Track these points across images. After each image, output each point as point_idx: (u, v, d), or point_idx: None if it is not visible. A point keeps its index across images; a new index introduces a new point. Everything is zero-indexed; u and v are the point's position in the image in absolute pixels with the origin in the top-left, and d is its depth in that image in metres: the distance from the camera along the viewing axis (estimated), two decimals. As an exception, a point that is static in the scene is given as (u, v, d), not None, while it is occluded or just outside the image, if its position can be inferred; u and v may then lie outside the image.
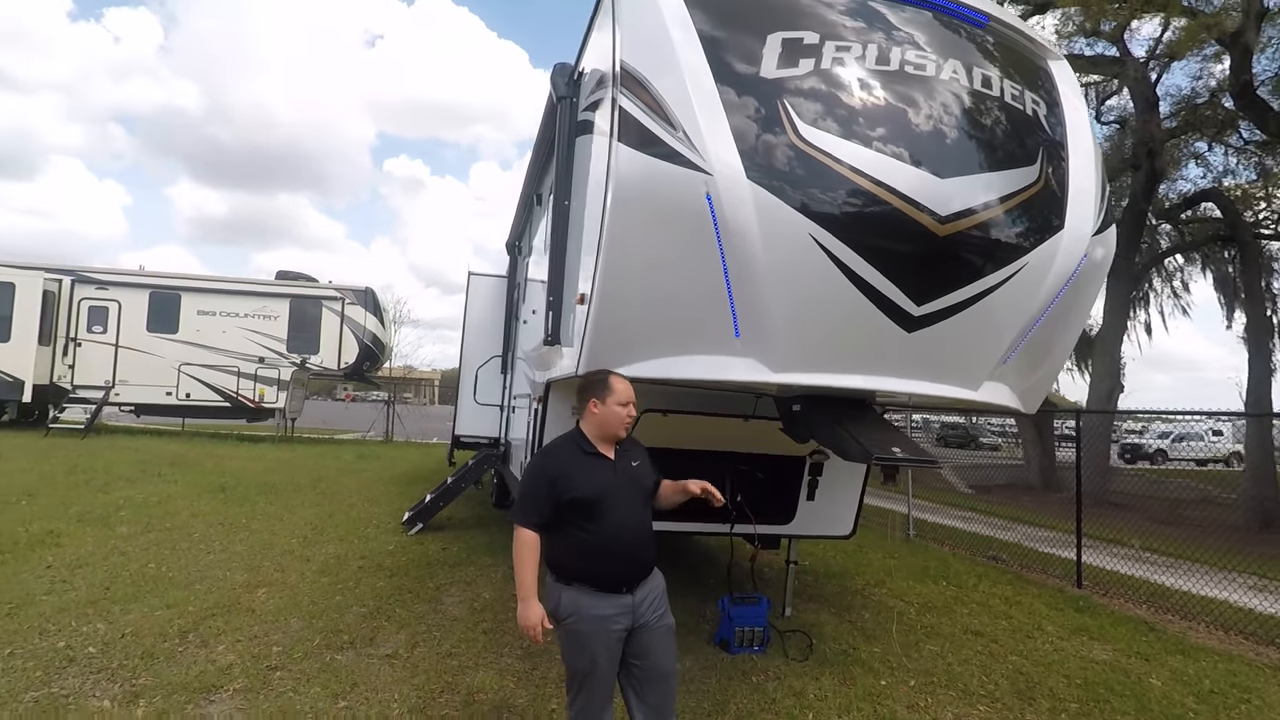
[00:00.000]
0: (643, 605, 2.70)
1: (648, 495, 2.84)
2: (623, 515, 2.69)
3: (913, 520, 10.33)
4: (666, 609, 2.81)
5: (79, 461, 10.69)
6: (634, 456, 2.86)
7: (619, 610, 2.64)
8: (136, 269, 16.96)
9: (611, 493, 2.69)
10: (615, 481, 2.73)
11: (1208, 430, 24.38)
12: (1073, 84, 3.72)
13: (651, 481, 2.88)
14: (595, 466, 2.73)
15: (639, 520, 2.76)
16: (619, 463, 2.79)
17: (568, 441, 2.84)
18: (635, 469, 2.82)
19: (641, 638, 2.70)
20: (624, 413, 2.76)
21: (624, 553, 2.68)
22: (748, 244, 2.89)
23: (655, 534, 2.85)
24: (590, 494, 2.65)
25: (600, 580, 2.65)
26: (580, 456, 2.75)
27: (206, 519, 7.45)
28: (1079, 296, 3.46)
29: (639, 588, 2.71)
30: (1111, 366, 16.84)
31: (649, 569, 2.79)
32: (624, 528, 2.68)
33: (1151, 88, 15.19)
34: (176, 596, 4.89)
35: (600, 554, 2.65)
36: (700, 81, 2.94)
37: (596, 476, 2.70)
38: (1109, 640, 5.48)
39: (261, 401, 16.01)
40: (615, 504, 2.68)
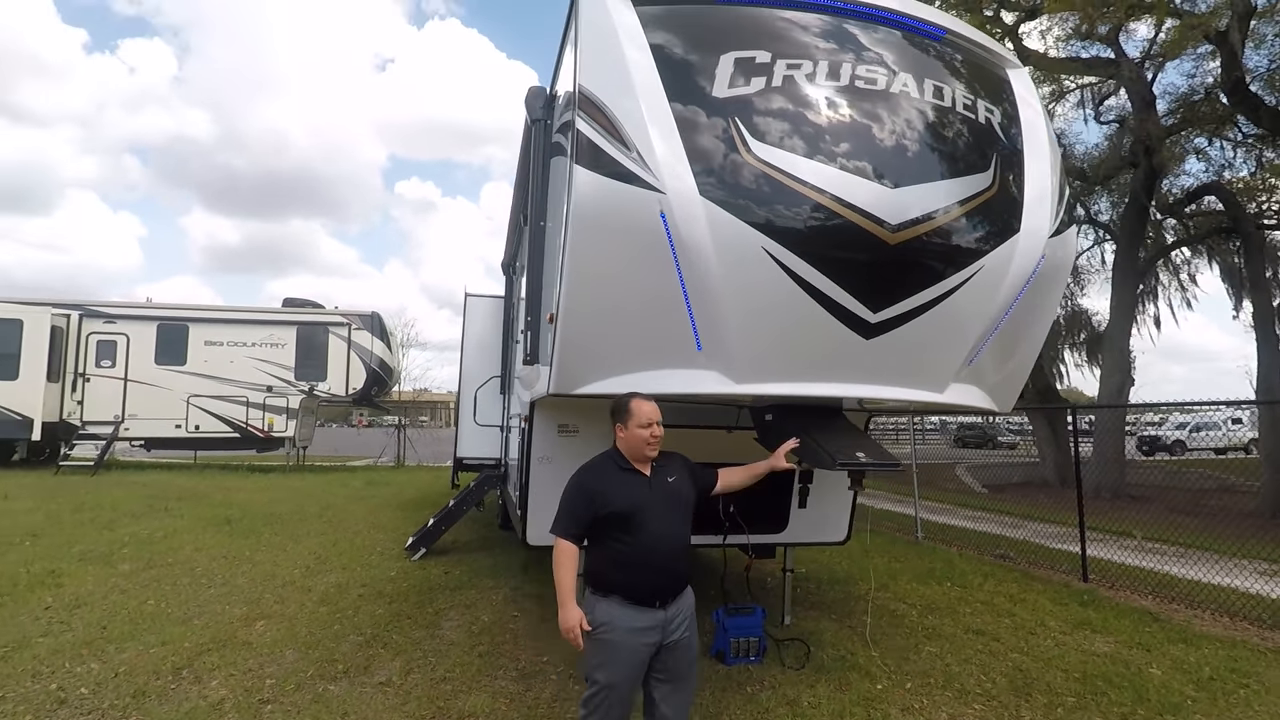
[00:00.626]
0: (673, 622, 2.81)
1: (686, 508, 2.95)
2: (658, 528, 2.80)
3: (921, 522, 10.27)
4: (694, 627, 2.93)
5: (86, 499, 10.84)
6: (671, 471, 2.96)
7: (652, 624, 2.75)
8: (144, 301, 17.22)
9: (647, 507, 2.81)
10: (650, 496, 2.85)
11: (1226, 419, 24.11)
12: (1030, 92, 3.77)
13: (692, 494, 3.00)
14: (630, 482, 2.86)
15: (675, 534, 2.87)
16: (655, 478, 2.91)
17: (606, 459, 2.98)
18: (672, 484, 2.93)
19: (668, 655, 2.82)
20: (645, 434, 2.86)
21: (659, 565, 2.79)
22: (703, 260, 2.94)
23: (690, 550, 2.97)
24: (625, 508, 2.78)
25: (635, 592, 2.76)
26: (617, 473, 2.89)
27: (210, 553, 7.53)
28: (1041, 297, 3.49)
29: (672, 603, 2.82)
30: (1121, 361, 16.70)
31: (683, 583, 2.90)
32: (660, 540, 2.80)
33: (1148, 87, 15.22)
34: (173, 633, 4.95)
35: (636, 565, 2.77)
36: (655, 103, 3.00)
37: (631, 492, 2.83)
38: (1112, 632, 5.44)
39: (271, 431, 16.16)
40: (650, 518, 2.80)
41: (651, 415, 2.88)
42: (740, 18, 3.26)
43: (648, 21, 3.17)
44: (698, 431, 4.51)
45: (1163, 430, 27.68)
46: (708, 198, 2.91)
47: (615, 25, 3.15)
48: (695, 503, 3.02)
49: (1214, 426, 23.08)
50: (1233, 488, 15.09)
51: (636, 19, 3.17)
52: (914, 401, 3.48)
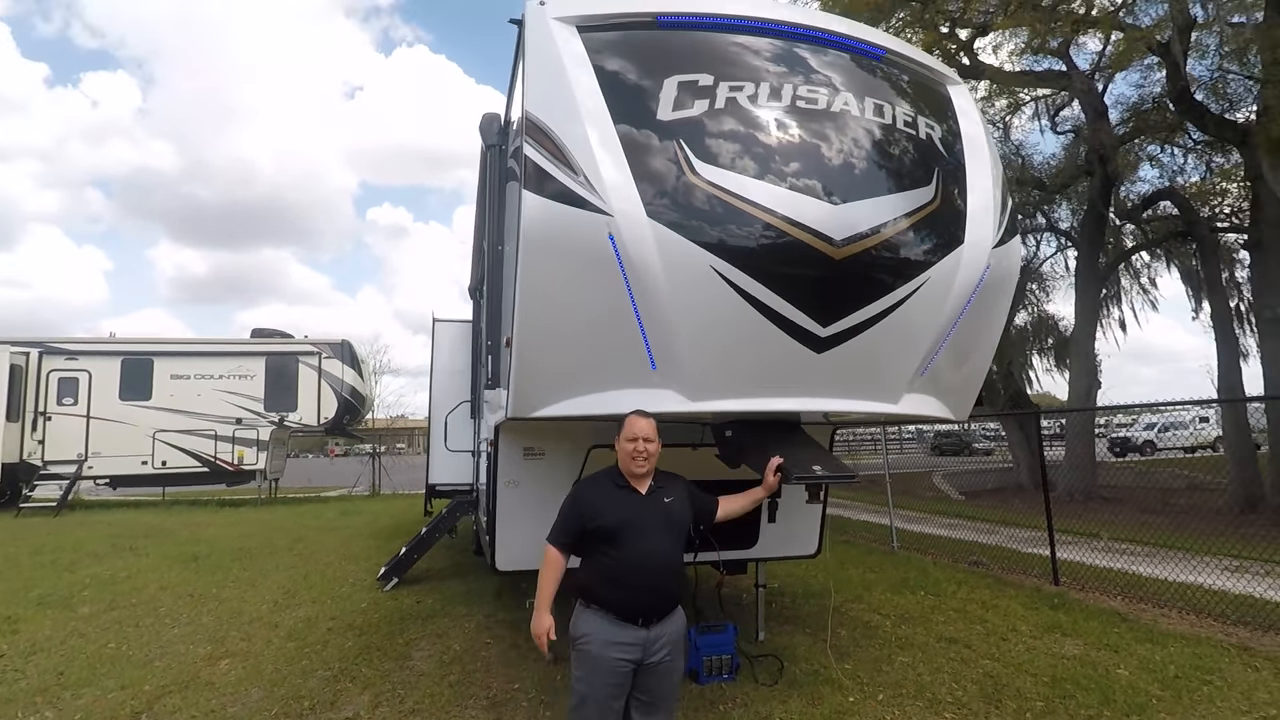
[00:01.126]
0: (657, 644, 2.79)
1: (679, 530, 2.94)
2: (646, 546, 2.81)
3: (898, 531, 10.34)
4: (679, 653, 2.91)
5: (47, 541, 10.53)
6: (669, 493, 2.97)
7: (632, 641, 2.75)
8: (107, 336, 16.89)
9: (635, 524, 2.83)
10: (641, 514, 2.86)
11: (1194, 418, 24.61)
12: (971, 107, 3.87)
13: (687, 517, 2.99)
14: (623, 499, 2.89)
15: (662, 554, 2.86)
16: (650, 497, 2.93)
17: (606, 473, 3.04)
18: (668, 504, 2.93)
19: (649, 677, 2.81)
20: (630, 448, 2.89)
21: (644, 583, 2.79)
22: (653, 280, 2.97)
23: (682, 573, 2.98)
24: (613, 523, 2.82)
25: (618, 608, 2.77)
26: (612, 488, 2.93)
27: (175, 591, 7.35)
28: (989, 306, 3.56)
29: (656, 624, 2.81)
30: (1088, 364, 17.03)
31: (670, 605, 2.88)
32: (647, 558, 2.80)
33: (1099, 98, 15.70)
34: (133, 676, 4.82)
35: (620, 581, 2.77)
36: (601, 127, 3.04)
37: (621, 508, 2.86)
38: (1081, 635, 5.50)
39: (241, 464, 15.86)
40: (638, 535, 2.81)
41: (639, 430, 2.91)
42: (683, 42, 3.32)
43: (593, 48, 3.22)
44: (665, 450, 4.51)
45: (1133, 431, 28.19)
46: (655, 219, 2.95)
47: (561, 52, 3.19)
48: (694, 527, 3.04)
49: (1182, 426, 23.57)
50: (1201, 486, 15.37)
51: (582, 45, 3.23)
52: (869, 413, 3.52)
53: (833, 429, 5.28)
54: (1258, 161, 11.79)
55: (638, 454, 2.89)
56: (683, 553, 2.99)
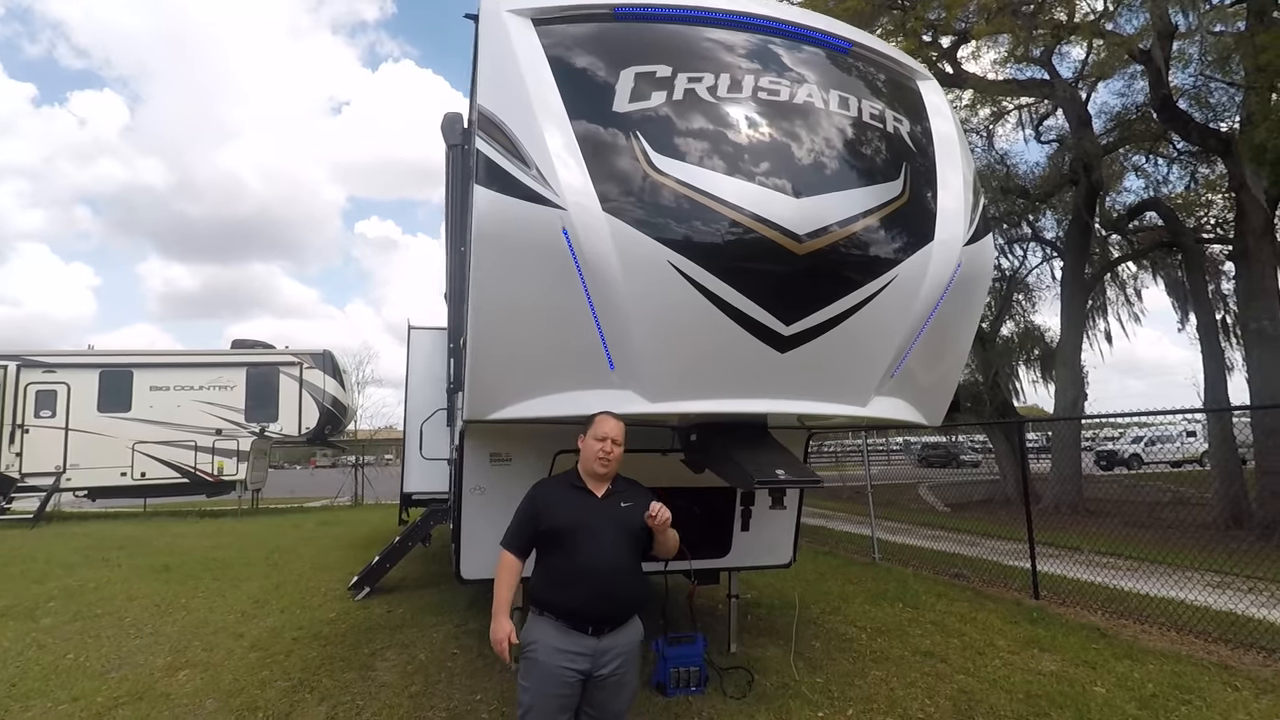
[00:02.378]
0: (607, 655, 2.66)
1: (633, 538, 2.79)
2: (595, 551, 2.68)
3: (880, 543, 10.23)
4: (633, 667, 2.77)
5: (19, 552, 10.31)
6: (628, 498, 2.85)
7: (580, 650, 2.63)
8: (85, 349, 16.68)
9: (587, 527, 2.71)
10: (593, 518, 2.74)
11: (1181, 432, 24.60)
12: (942, 102, 3.81)
13: (642, 525, 2.81)
14: (576, 500, 2.79)
15: (614, 560, 2.71)
16: (606, 500, 2.81)
17: (562, 475, 2.98)
18: (624, 510, 2.80)
19: (598, 690, 2.68)
20: (597, 447, 2.79)
21: (592, 590, 2.66)
22: (609, 276, 2.88)
23: (638, 581, 2.83)
24: (563, 525, 2.72)
25: (567, 614, 2.66)
26: (566, 490, 2.84)
27: (142, 601, 7.17)
28: (960, 305, 3.48)
29: (608, 634, 2.68)
30: (1074, 375, 17.02)
31: (622, 613, 2.75)
32: (596, 563, 2.67)
33: (1083, 106, 15.78)
34: (86, 688, 4.66)
35: (568, 587, 2.67)
36: (555, 120, 2.97)
37: (573, 510, 2.75)
38: (1059, 650, 5.39)
39: (221, 474, 15.61)
40: (588, 539, 2.70)
41: (609, 431, 2.82)
42: (642, 33, 3.26)
43: (548, 41, 3.15)
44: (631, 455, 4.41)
45: (1120, 445, 28.19)
46: (611, 213, 2.87)
47: (514, 45, 3.13)
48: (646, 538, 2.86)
49: (1169, 440, 23.56)
50: (1188, 500, 15.31)
51: (537, 39, 3.16)
52: (837, 416, 3.43)
53: (808, 434, 5.19)
54: (1241, 171, 11.83)
55: (603, 455, 2.79)
56: (637, 561, 2.84)
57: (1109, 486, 18.59)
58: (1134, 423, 26.70)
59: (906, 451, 42.28)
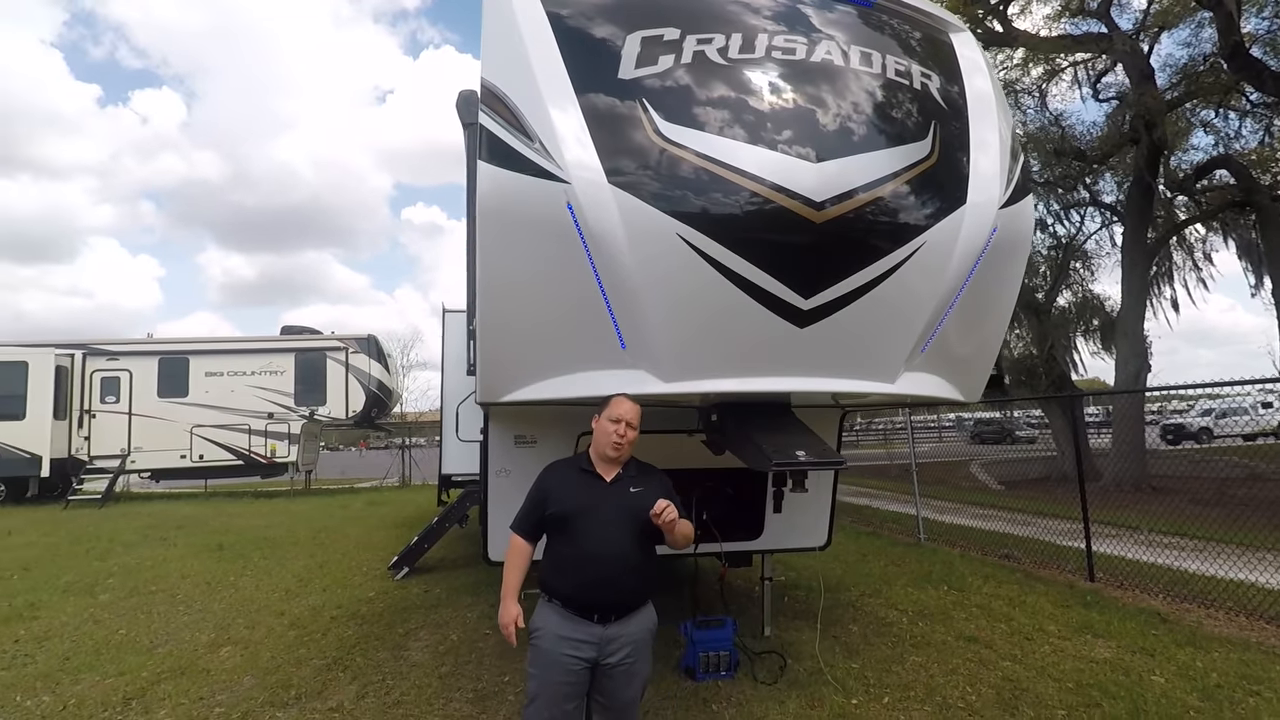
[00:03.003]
0: (615, 643, 2.59)
1: (642, 524, 2.64)
2: (601, 536, 2.60)
3: (927, 522, 9.95)
4: (643, 656, 2.68)
5: (86, 531, 10.83)
6: (639, 483, 2.73)
7: (586, 638, 2.56)
8: (145, 337, 17.36)
9: (592, 512, 2.63)
10: (600, 502, 2.65)
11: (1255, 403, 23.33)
12: (977, 56, 3.54)
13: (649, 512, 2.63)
14: (584, 484, 2.70)
15: (620, 547, 2.61)
16: (615, 485, 2.71)
17: (572, 458, 2.89)
18: (634, 495, 2.68)
19: (606, 679, 2.61)
20: (612, 430, 2.68)
21: (596, 576, 2.58)
22: (617, 251, 2.76)
23: (648, 568, 2.72)
24: (567, 510, 2.63)
25: (573, 601, 2.60)
26: (575, 473, 2.75)
27: (194, 579, 7.42)
28: (997, 272, 3.25)
29: (615, 622, 2.60)
30: (1136, 346, 16.22)
31: (630, 601, 2.66)
32: (601, 548, 2.59)
33: (1144, 59, 14.85)
34: (133, 662, 4.82)
35: (573, 573, 2.60)
36: (558, 91, 2.84)
37: (580, 494, 2.66)
38: (1114, 636, 5.13)
39: (273, 457, 16.15)
40: (594, 524, 2.61)
41: (624, 413, 2.70)
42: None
43: (553, 8, 3.02)
44: (658, 436, 4.31)
45: (1188, 418, 26.89)
46: (617, 185, 2.73)
47: (518, 15, 3.00)
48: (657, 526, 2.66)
49: (1242, 412, 22.35)
50: (1262, 475, 14.50)
51: (541, 6, 3.02)
52: (864, 394, 3.25)
53: (841, 413, 5.01)
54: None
55: (617, 439, 2.68)
56: (647, 548, 2.72)
57: (1175, 462, 17.73)
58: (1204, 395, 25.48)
59: (959, 428, 41.27)
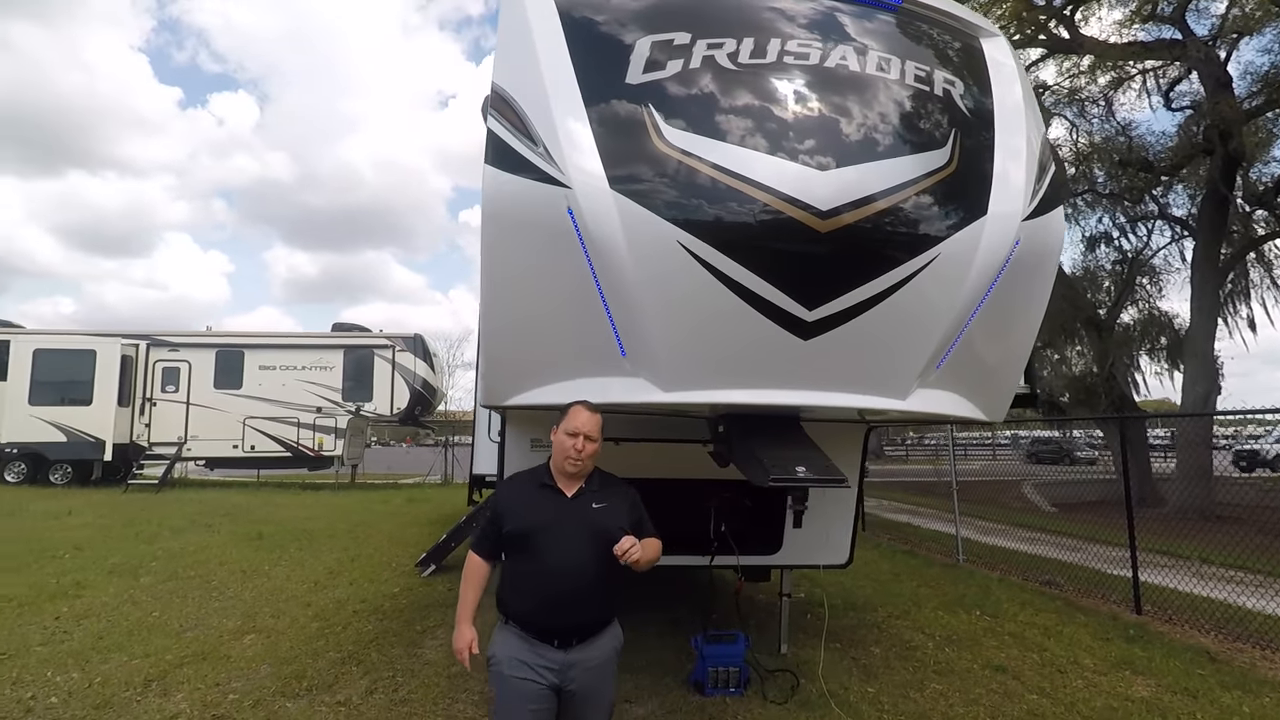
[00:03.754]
0: (575, 668, 2.46)
1: (604, 543, 2.45)
2: (559, 556, 2.45)
3: (969, 544, 9.62)
4: (607, 683, 2.57)
5: (139, 514, 11.31)
6: (602, 498, 2.58)
7: (544, 664, 2.43)
8: (204, 330, 18.10)
9: (550, 529, 2.48)
10: (558, 519, 2.51)
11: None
12: (1008, 61, 3.39)
13: (616, 528, 2.49)
14: (542, 499, 2.56)
15: (580, 567, 2.45)
16: (576, 500, 2.56)
17: (531, 471, 2.72)
18: (596, 511, 2.54)
19: (569, 706, 2.50)
20: (569, 443, 2.52)
21: (552, 598, 2.44)
22: (616, 257, 2.72)
23: (609, 590, 2.56)
24: (522, 528, 2.50)
25: (530, 625, 2.47)
26: (533, 488, 2.61)
27: (230, 567, 7.66)
28: (1020, 287, 3.09)
29: (575, 646, 2.47)
30: (1205, 367, 15.42)
31: (592, 624, 2.53)
32: (558, 567, 2.44)
33: (1221, 66, 14.12)
34: (161, 645, 4.98)
35: (528, 594, 2.48)
36: (565, 95, 2.82)
37: (537, 511, 2.53)
38: (1155, 674, 4.84)
39: (320, 450, 16.63)
40: (551, 542, 2.47)
41: (581, 425, 2.54)
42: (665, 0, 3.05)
43: (567, 12, 3.01)
44: (676, 446, 4.26)
45: (1264, 443, 25.40)
46: (618, 191, 2.69)
47: (530, 19, 3.00)
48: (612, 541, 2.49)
49: (1323, 440, 21.04)
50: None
51: (556, 11, 3.02)
52: (873, 410, 3.14)
53: (866, 428, 4.86)
54: None
55: (574, 454, 2.53)
56: (611, 567, 2.46)
57: (1247, 491, 16.76)
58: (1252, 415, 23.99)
59: (1014, 446, 39.87)
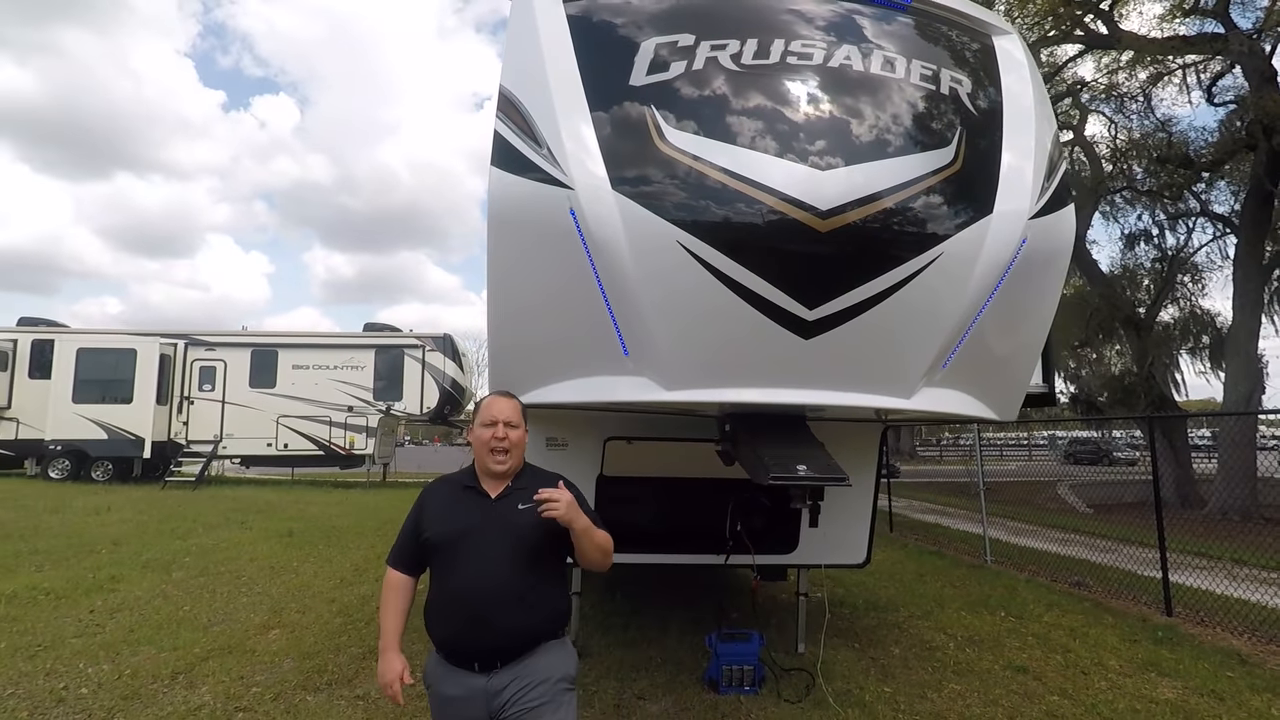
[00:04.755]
0: (506, 692, 2.09)
1: (529, 548, 2.17)
2: (479, 567, 2.13)
3: (998, 544, 9.47)
4: (558, 705, 2.13)
5: (175, 511, 11.64)
6: (530, 497, 2.16)
7: (467, 693, 2.11)
8: (240, 330, 18.54)
9: (470, 537, 2.17)
10: (481, 525, 2.18)
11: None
12: (1020, 59, 3.36)
13: (544, 529, 2.16)
14: (463, 504, 2.25)
15: (499, 577, 2.13)
16: (500, 502, 2.23)
17: (457, 473, 2.40)
18: (521, 513, 2.17)
19: None
20: (486, 435, 2.23)
21: (468, 615, 2.12)
22: (618, 257, 2.75)
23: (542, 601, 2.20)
24: (443, 535, 2.19)
25: (446, 647, 2.18)
26: (455, 491, 2.30)
27: (261, 562, 7.86)
28: (1027, 285, 3.05)
29: (500, 669, 2.11)
30: (1249, 366, 14.99)
31: (514, 643, 2.14)
32: (477, 581, 2.12)
33: (1265, 60, 13.71)
34: (189, 638, 5.14)
35: (446, 613, 2.17)
36: (570, 97, 2.87)
37: (456, 516, 2.22)
38: (1182, 676, 4.73)
39: (352, 449, 16.95)
40: (471, 552, 2.15)
41: (499, 412, 2.26)
42: (670, 1, 3.08)
43: (575, 15, 3.06)
44: (693, 445, 4.27)
45: (1313, 444, 24.55)
46: (621, 191, 2.73)
47: (538, 22, 3.05)
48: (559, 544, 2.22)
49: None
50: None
51: (564, 14, 3.06)
52: (878, 409, 3.14)
53: (883, 427, 4.83)
54: None
55: (496, 444, 2.23)
56: (541, 576, 2.20)
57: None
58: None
59: (1051, 446, 39.13)
